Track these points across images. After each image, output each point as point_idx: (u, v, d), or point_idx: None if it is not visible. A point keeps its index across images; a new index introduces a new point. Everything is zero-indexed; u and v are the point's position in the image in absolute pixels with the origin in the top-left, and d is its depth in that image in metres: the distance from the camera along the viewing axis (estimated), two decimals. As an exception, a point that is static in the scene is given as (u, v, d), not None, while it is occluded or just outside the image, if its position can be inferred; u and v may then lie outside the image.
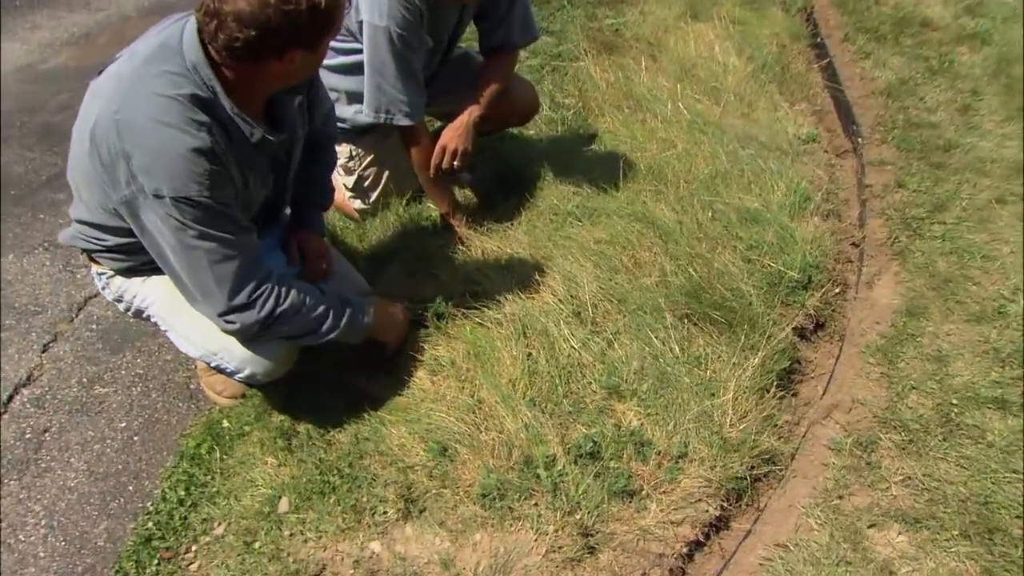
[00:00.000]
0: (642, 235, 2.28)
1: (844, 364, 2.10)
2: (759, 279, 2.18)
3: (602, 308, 2.06)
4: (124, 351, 2.14)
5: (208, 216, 1.37)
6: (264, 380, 1.72)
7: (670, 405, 1.80)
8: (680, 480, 1.68)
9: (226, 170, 1.39)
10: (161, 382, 2.05)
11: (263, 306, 1.50)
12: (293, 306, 1.54)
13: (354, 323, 1.69)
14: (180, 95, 1.32)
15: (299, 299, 1.55)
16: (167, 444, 1.89)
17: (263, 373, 1.68)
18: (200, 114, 1.34)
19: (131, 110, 1.32)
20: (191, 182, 1.33)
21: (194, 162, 1.32)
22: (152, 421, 1.95)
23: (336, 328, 1.64)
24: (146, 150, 1.31)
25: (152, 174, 1.32)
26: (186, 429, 1.92)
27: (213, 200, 1.36)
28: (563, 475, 1.64)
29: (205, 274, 1.43)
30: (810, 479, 1.78)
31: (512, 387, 1.84)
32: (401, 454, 1.74)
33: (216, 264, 1.43)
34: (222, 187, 1.38)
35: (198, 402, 2.00)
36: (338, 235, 2.46)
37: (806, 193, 2.55)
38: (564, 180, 2.58)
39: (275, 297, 1.51)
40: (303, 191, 1.89)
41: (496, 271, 2.20)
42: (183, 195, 1.33)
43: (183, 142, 1.31)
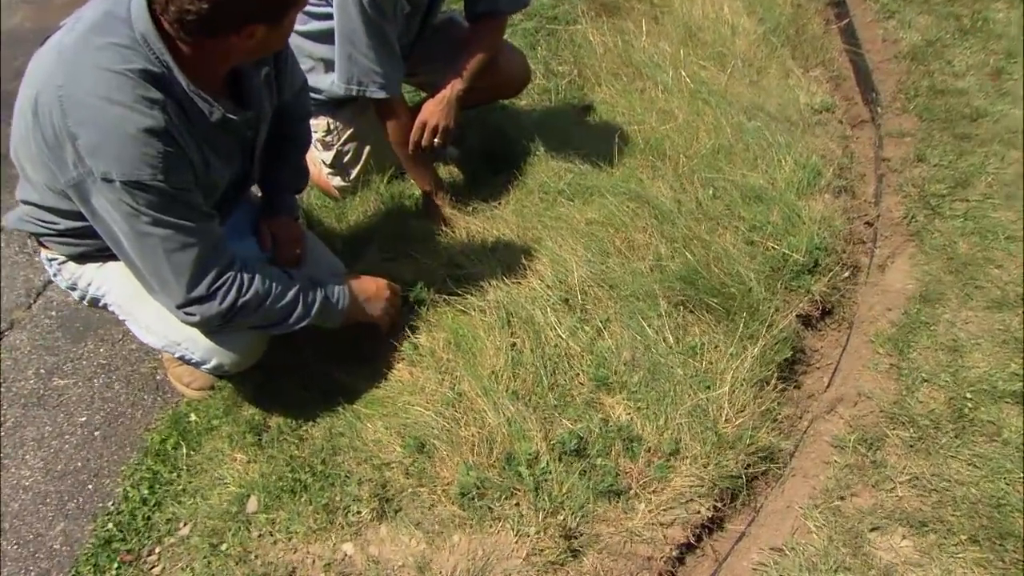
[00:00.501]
0: (637, 215, 2.27)
1: (851, 354, 2.09)
2: (761, 263, 2.17)
3: (592, 294, 2.05)
4: (86, 340, 2.14)
5: (163, 202, 1.36)
6: (233, 370, 1.73)
7: (662, 398, 1.80)
8: (671, 479, 1.68)
9: (183, 152, 1.37)
10: (125, 373, 2.06)
11: (224, 297, 1.49)
12: (257, 296, 1.53)
13: (327, 310, 1.68)
14: (130, 70, 1.29)
15: (264, 288, 1.55)
16: (130, 439, 1.91)
17: (231, 363, 1.69)
18: (152, 91, 1.31)
19: (75, 86, 1.29)
20: (143, 165, 1.30)
21: (146, 143, 1.30)
22: (114, 415, 1.97)
23: (307, 316, 1.64)
24: (93, 130, 1.29)
25: (100, 156, 1.30)
26: (151, 423, 1.94)
27: (168, 185, 1.34)
28: (546, 473, 1.65)
29: (161, 264, 1.42)
30: (810, 478, 1.78)
31: (494, 379, 1.84)
32: (377, 450, 1.75)
33: (173, 253, 1.41)
34: (178, 171, 1.36)
35: (164, 395, 2.01)
36: (315, 214, 2.46)
37: (816, 168, 2.52)
38: (556, 155, 2.56)
39: (237, 287, 1.50)
40: (275, 174, 1.88)
41: (481, 254, 2.20)
42: (134, 179, 1.31)
43: (133, 122, 1.29)
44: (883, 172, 2.73)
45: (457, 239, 2.29)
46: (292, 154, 1.91)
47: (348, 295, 1.73)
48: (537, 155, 2.58)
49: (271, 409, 1.89)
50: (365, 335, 1.92)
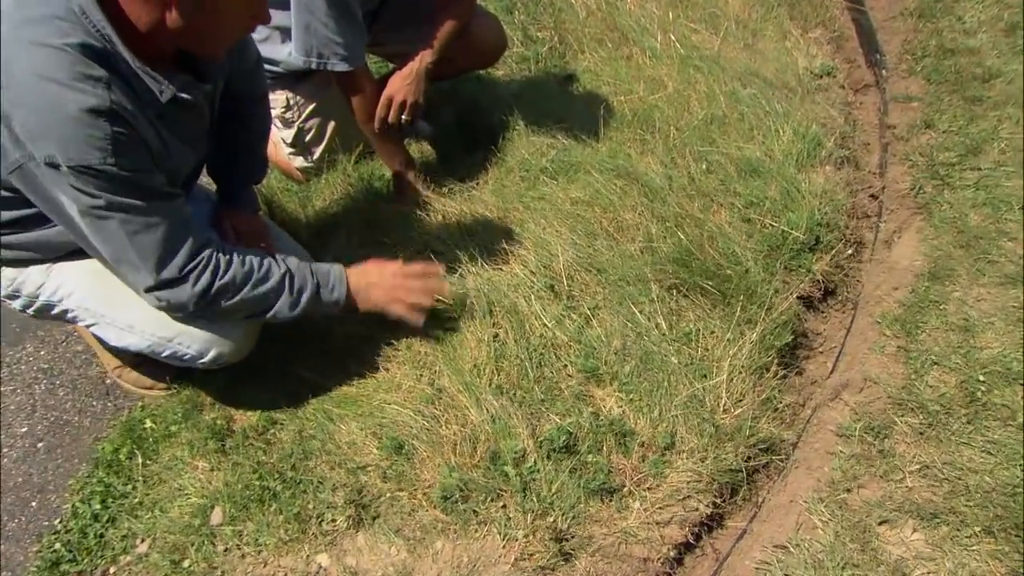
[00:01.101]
0: (625, 193, 2.29)
1: (856, 337, 2.13)
2: (759, 241, 2.20)
3: (579, 280, 2.07)
4: (24, 343, 2.13)
5: (117, 185, 1.35)
6: (234, 359, 1.74)
7: (655, 389, 1.82)
8: (667, 474, 1.71)
9: (135, 133, 1.35)
10: (70, 378, 2.06)
11: (198, 279, 1.49)
12: (236, 279, 1.54)
13: (319, 299, 1.68)
14: (68, 44, 1.26)
15: (244, 270, 1.55)
16: (78, 451, 1.91)
17: (231, 351, 1.70)
18: (94, 67, 1.29)
19: (6, 62, 1.27)
20: (90, 148, 1.29)
21: (91, 124, 1.28)
22: (60, 424, 1.96)
23: (296, 305, 1.64)
24: (30, 111, 1.27)
25: (40, 140, 1.29)
26: (101, 432, 1.94)
27: (120, 167, 1.33)
28: (534, 472, 1.67)
29: (125, 247, 1.42)
30: (814, 470, 1.82)
31: (477, 373, 1.86)
32: (351, 453, 1.77)
33: (135, 235, 1.41)
34: (131, 151, 1.35)
35: (116, 399, 2.01)
36: (276, 199, 2.45)
37: (817, 138, 2.55)
38: (537, 130, 2.56)
39: (212, 269, 1.50)
40: (232, 164, 1.87)
41: (458, 239, 2.21)
42: (82, 164, 1.30)
43: (75, 101, 1.26)
44: (888, 140, 2.77)
45: (432, 223, 2.30)
46: (249, 141, 1.90)
47: (344, 283, 1.72)
48: (516, 130, 2.58)
49: (235, 412, 1.90)
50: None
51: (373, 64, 2.85)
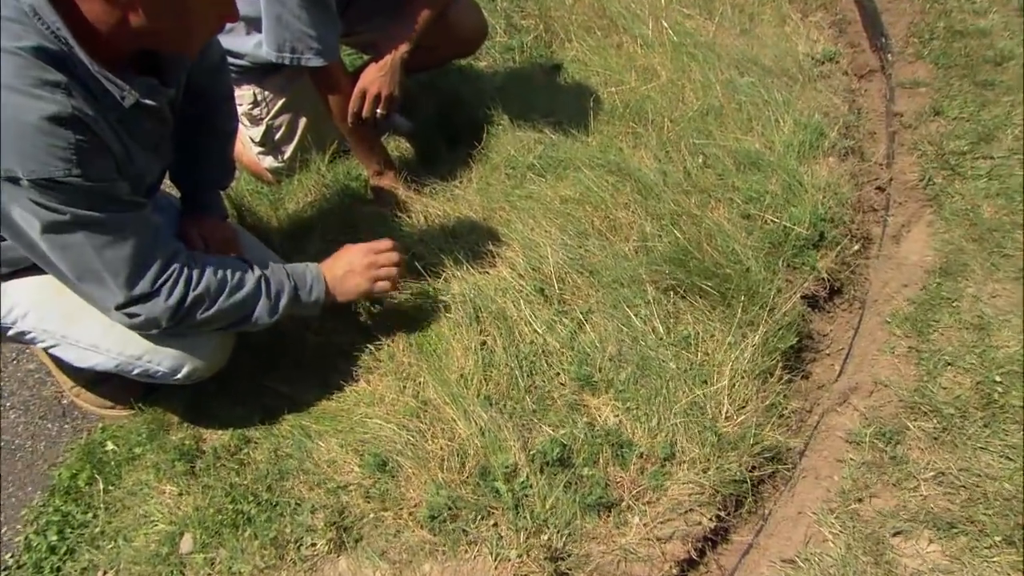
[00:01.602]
0: (618, 190, 2.31)
1: (865, 338, 2.16)
2: (760, 239, 2.23)
3: (570, 283, 2.09)
4: (-29, 362, 2.13)
5: (81, 197, 1.35)
6: (207, 374, 1.76)
7: (653, 397, 1.84)
8: (667, 487, 1.73)
9: (99, 140, 1.36)
10: (22, 399, 2.05)
11: (171, 292, 1.50)
12: (210, 288, 1.55)
13: (298, 301, 1.71)
14: (21, 48, 1.25)
15: (218, 279, 1.57)
16: (32, 477, 1.90)
17: (205, 366, 1.72)
18: (52, 72, 1.28)
19: None
20: (52, 159, 1.29)
21: (52, 134, 1.28)
22: (11, 449, 1.95)
23: (275, 311, 1.66)
24: None
25: None
26: (58, 457, 1.93)
27: (85, 179, 1.33)
28: (527, 488, 1.69)
29: (92, 263, 1.43)
30: (823, 479, 1.84)
31: (464, 384, 1.88)
32: (331, 472, 1.77)
33: (103, 250, 1.42)
34: (96, 160, 1.36)
35: (74, 421, 2.01)
36: (245, 202, 2.46)
37: (819, 128, 2.58)
38: (523, 124, 2.59)
39: (185, 280, 1.51)
40: (197, 169, 1.88)
41: (441, 242, 2.23)
42: (44, 176, 1.29)
43: (35, 109, 1.26)
44: (895, 129, 2.79)
45: (413, 225, 2.31)
46: (215, 143, 1.91)
47: (322, 281, 1.75)
48: (501, 125, 2.60)
49: (204, 431, 1.91)
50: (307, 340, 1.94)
51: (346, 56, 2.87)
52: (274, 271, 1.69)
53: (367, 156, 2.38)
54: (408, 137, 2.72)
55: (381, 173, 2.40)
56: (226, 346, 1.77)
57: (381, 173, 2.40)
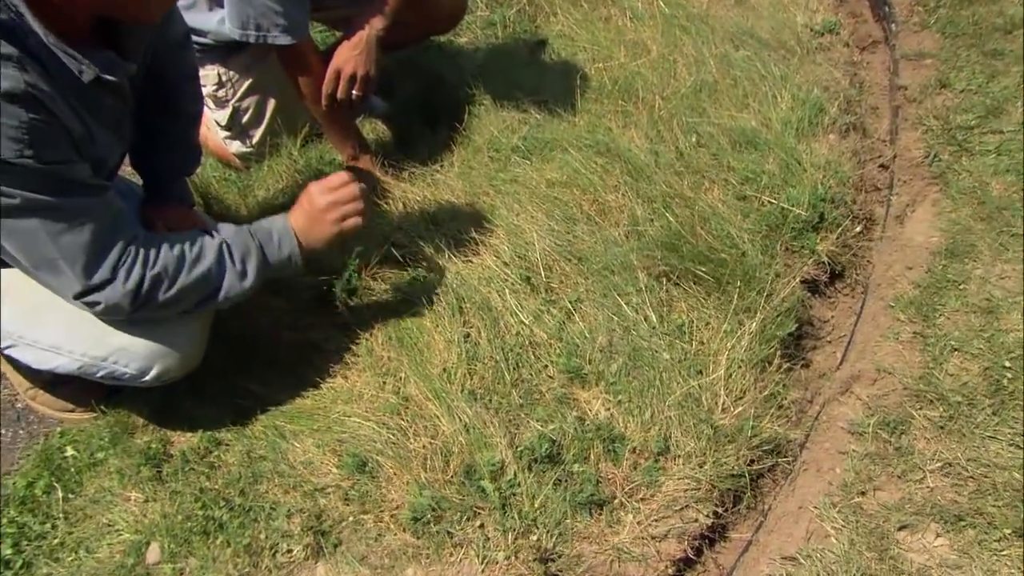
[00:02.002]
0: (607, 172, 2.32)
1: (867, 323, 2.18)
2: (756, 221, 2.24)
3: (558, 270, 2.10)
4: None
5: (37, 181, 1.35)
6: (180, 374, 1.74)
7: (646, 389, 1.85)
8: (661, 483, 1.74)
9: (54, 118, 1.35)
10: (-27, 403, 2.04)
11: (128, 275, 1.49)
12: (168, 266, 1.53)
13: (268, 262, 1.67)
14: None
15: (175, 254, 1.55)
16: (-16, 487, 1.88)
17: (178, 364, 1.71)
18: (2, 45, 1.27)
19: None
20: (4, 139, 1.28)
21: (3, 112, 1.28)
22: (-40, 457, 1.94)
23: (245, 276, 1.64)
24: None
25: None
26: (13, 464, 1.91)
27: (39, 161, 1.32)
28: (514, 486, 1.70)
29: (47, 250, 1.42)
30: (825, 472, 1.86)
31: (447, 378, 1.89)
32: (307, 474, 1.78)
33: (59, 236, 1.41)
34: (51, 142, 1.35)
35: (29, 425, 2.00)
36: (212, 190, 2.45)
37: (819, 104, 2.60)
38: (506, 104, 2.59)
39: (142, 261, 1.50)
40: (161, 154, 1.87)
41: (422, 229, 2.23)
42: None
43: None
44: (899, 103, 2.81)
45: (391, 212, 2.31)
46: (179, 126, 1.89)
47: (291, 233, 1.70)
48: (483, 105, 2.60)
49: (172, 433, 1.90)
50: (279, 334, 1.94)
51: (317, 33, 2.86)
52: (237, 234, 1.65)
53: (341, 140, 2.38)
54: (385, 119, 2.71)
55: (356, 157, 2.40)
56: (200, 342, 1.76)
57: (356, 157, 2.40)
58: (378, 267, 2.10)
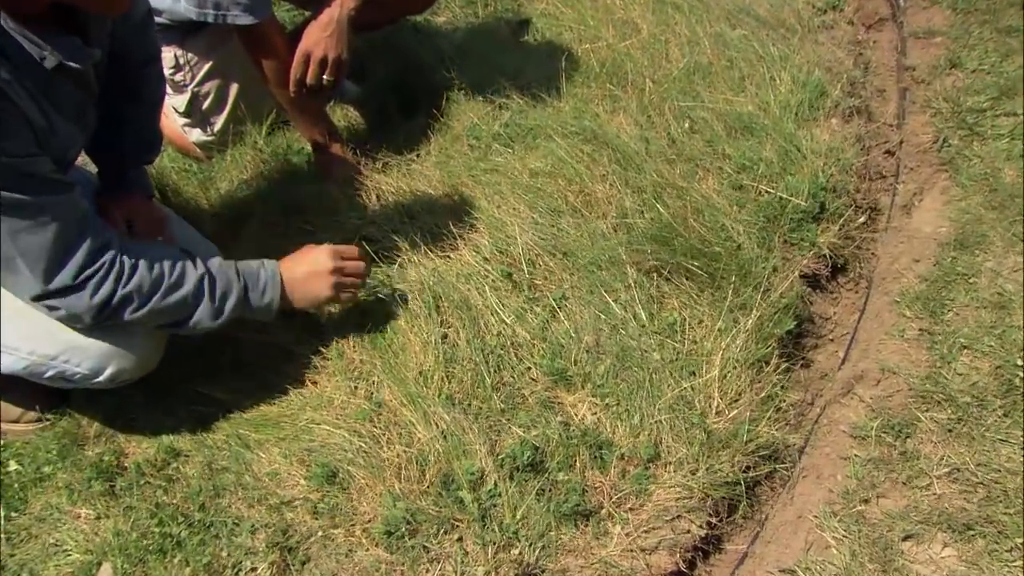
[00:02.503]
0: (594, 161, 2.33)
1: (871, 320, 2.19)
2: (753, 212, 2.25)
3: (542, 266, 2.11)
4: None
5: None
6: (138, 375, 1.75)
7: (635, 391, 1.86)
8: (651, 492, 1.75)
9: (15, 108, 1.35)
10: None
11: (98, 288, 1.50)
12: (143, 286, 1.54)
13: (248, 305, 1.71)
14: None
15: (152, 276, 1.56)
16: (-86, 508, 1.86)
17: (135, 364, 1.71)
18: None
19: None
20: None
21: None
22: None
23: (219, 314, 1.66)
24: None
25: None
26: (-52, 482, 1.90)
27: None
28: (495, 496, 1.70)
29: (6, 249, 1.42)
30: (826, 479, 1.87)
31: (423, 382, 1.89)
32: (273, 486, 1.78)
33: (19, 235, 1.41)
34: (12, 132, 1.35)
35: (-33, 439, 1.98)
36: (170, 182, 2.45)
37: (820, 86, 2.61)
38: (487, 89, 2.59)
39: (116, 275, 1.51)
40: (119, 141, 1.86)
41: (396, 222, 2.23)
42: None
43: None
44: (907, 85, 2.82)
45: (364, 204, 2.31)
46: (140, 112, 1.89)
47: (277, 282, 1.74)
48: (462, 89, 2.61)
49: (126, 444, 1.90)
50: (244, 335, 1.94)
51: (284, 13, 2.86)
52: (221, 269, 1.67)
53: (310, 128, 2.38)
54: (357, 105, 2.71)
55: (326, 146, 2.40)
56: (159, 342, 1.76)
57: (326, 146, 2.40)
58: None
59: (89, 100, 1.60)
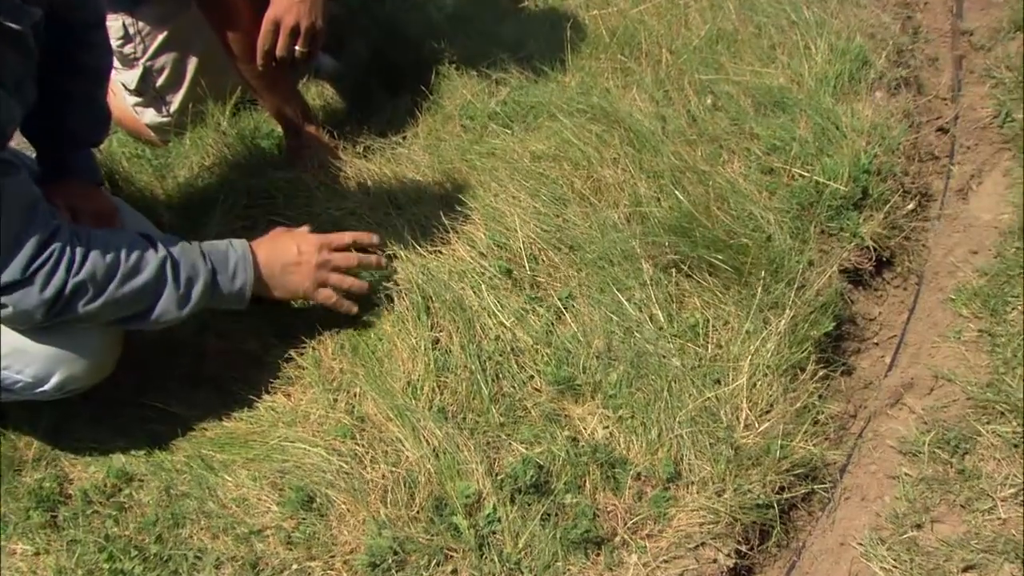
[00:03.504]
0: (604, 142, 2.34)
1: (922, 321, 2.20)
2: (784, 198, 2.26)
3: (545, 262, 2.12)
4: None
5: None
6: (89, 383, 1.75)
7: (652, 402, 1.87)
8: (672, 515, 1.76)
9: None
10: None
11: (48, 280, 1.50)
12: (96, 274, 1.55)
13: (217, 290, 1.71)
14: None
15: (106, 262, 1.56)
16: None
17: (86, 372, 1.71)
18: None
19: None
20: None
21: None
22: None
23: (186, 301, 1.67)
24: None
25: None
26: None
27: None
28: (494, 523, 1.71)
29: None
30: (872, 502, 1.88)
31: (412, 393, 1.90)
32: (241, 513, 1.78)
33: None
34: None
35: None
36: (120, 169, 2.45)
37: (863, 54, 2.62)
38: (482, 62, 2.60)
39: (66, 265, 1.51)
40: (61, 120, 1.86)
41: (379, 213, 2.25)
42: None
43: None
44: (963, 52, 2.83)
45: (343, 193, 2.32)
46: (84, 84, 1.89)
47: (250, 264, 1.76)
48: (454, 63, 2.62)
49: (71, 467, 1.90)
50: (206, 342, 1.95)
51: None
52: (185, 252, 1.68)
53: (280, 108, 2.38)
54: (335, 81, 2.72)
55: (299, 128, 2.40)
56: (112, 347, 1.76)
57: (299, 128, 2.40)
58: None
59: (29, 68, 1.60)
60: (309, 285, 1.86)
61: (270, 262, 1.81)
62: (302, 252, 1.83)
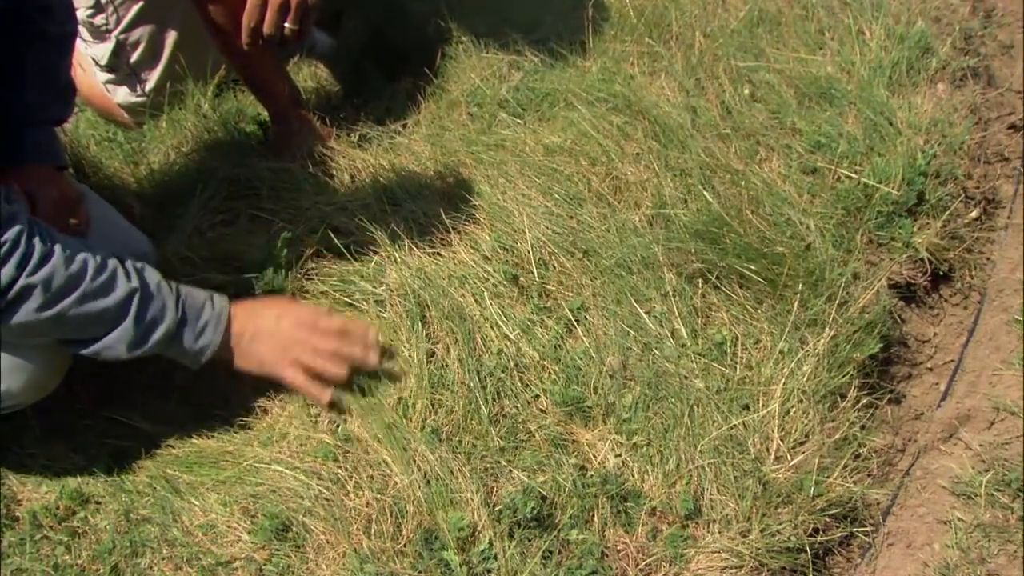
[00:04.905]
0: (626, 135, 2.35)
1: (983, 345, 2.19)
2: (828, 202, 2.26)
3: (556, 267, 2.13)
4: None
5: None
6: (33, 398, 1.77)
7: (671, 429, 1.87)
8: (690, 557, 1.75)
9: None
10: None
11: None
12: (53, 281, 1.54)
13: (177, 343, 1.71)
14: None
15: (69, 271, 1.56)
16: None
17: (30, 385, 1.72)
18: None
19: None
20: None
21: None
22: None
23: (137, 346, 1.67)
24: None
25: None
26: None
27: None
28: (489, 559, 1.70)
29: None
30: (918, 548, 1.86)
31: (402, 412, 1.91)
32: (208, 541, 1.79)
33: None
34: None
35: None
36: (88, 154, 2.47)
37: (924, 40, 2.61)
38: (491, 43, 2.61)
39: (20, 258, 1.50)
40: (19, 94, 1.85)
41: (374, 210, 2.25)
42: None
43: None
44: (1039, 39, 2.83)
45: (334, 186, 2.33)
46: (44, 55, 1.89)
47: (223, 326, 1.76)
48: (461, 43, 2.64)
49: (19, 488, 1.91)
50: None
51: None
52: (159, 288, 1.68)
53: (267, 90, 2.40)
54: (328, 61, 2.74)
55: (287, 112, 2.42)
56: (61, 356, 1.77)
57: (287, 112, 2.42)
58: (314, 260, 2.13)
59: None
60: (275, 359, 1.83)
61: (242, 328, 1.80)
62: (284, 324, 1.83)
